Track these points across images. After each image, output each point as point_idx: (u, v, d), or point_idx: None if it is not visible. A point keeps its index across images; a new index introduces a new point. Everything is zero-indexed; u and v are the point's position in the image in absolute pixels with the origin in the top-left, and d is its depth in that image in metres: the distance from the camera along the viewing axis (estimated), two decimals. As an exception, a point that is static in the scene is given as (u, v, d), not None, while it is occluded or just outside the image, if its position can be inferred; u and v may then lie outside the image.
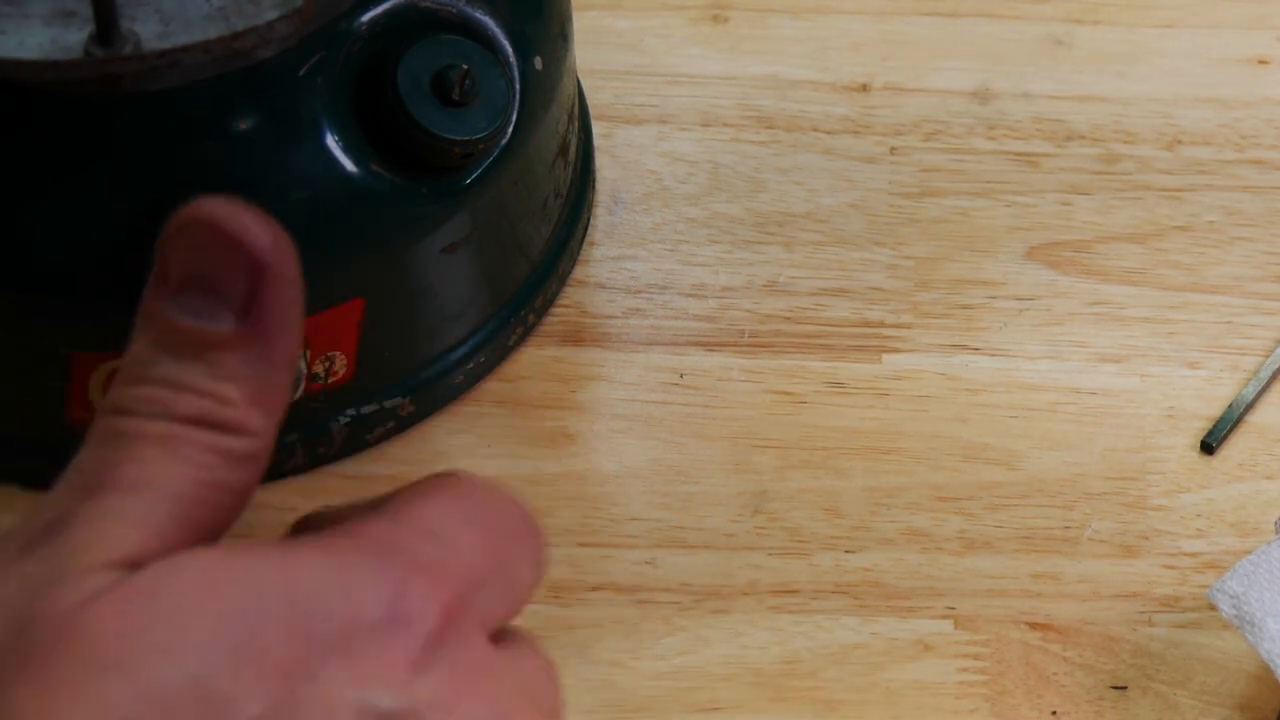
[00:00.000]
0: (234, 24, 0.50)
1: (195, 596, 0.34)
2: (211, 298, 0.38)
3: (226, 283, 0.38)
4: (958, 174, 0.71)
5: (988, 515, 0.63)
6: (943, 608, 0.61)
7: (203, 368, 0.37)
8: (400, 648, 0.35)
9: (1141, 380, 0.66)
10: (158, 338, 0.38)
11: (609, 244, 0.68)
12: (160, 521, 0.36)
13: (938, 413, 0.65)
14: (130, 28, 0.50)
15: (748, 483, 0.63)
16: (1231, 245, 0.69)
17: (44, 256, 0.55)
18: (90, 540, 0.35)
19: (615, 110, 0.72)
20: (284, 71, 0.55)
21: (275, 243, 0.38)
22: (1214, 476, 0.64)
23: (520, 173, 0.61)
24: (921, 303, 0.67)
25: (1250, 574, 0.55)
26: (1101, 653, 0.60)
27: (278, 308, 0.38)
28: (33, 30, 0.50)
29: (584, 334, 0.66)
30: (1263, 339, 0.67)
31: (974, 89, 0.73)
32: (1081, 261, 0.69)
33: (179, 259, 0.38)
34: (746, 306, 0.67)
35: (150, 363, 0.38)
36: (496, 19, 0.59)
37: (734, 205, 0.70)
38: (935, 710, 0.59)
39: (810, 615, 0.60)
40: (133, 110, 0.54)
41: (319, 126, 0.56)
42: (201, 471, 0.37)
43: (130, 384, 0.38)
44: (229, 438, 0.37)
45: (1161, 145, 0.72)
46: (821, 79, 0.73)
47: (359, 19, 0.56)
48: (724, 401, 0.65)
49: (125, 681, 0.33)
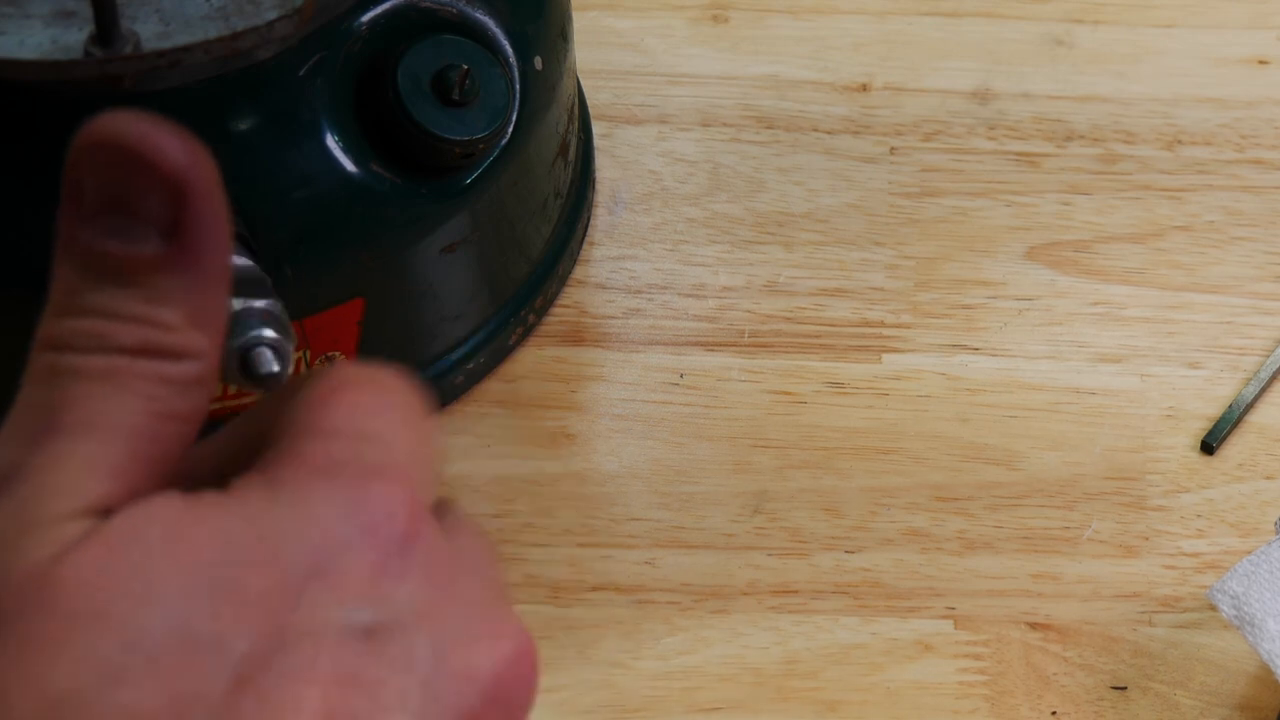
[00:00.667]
0: (234, 24, 0.50)
1: (167, 544, 0.34)
2: (132, 219, 0.36)
3: (146, 204, 0.36)
4: (958, 174, 0.71)
5: (988, 515, 0.63)
6: (943, 608, 0.61)
7: (135, 293, 0.36)
8: (373, 559, 0.35)
9: (1141, 380, 0.66)
10: (83, 263, 0.36)
11: (609, 244, 0.68)
12: (118, 462, 0.35)
13: (938, 413, 0.65)
14: (130, 28, 0.50)
15: (748, 483, 0.63)
16: (1231, 245, 0.69)
17: (44, 256, 0.55)
18: (50, 489, 0.35)
19: (615, 110, 0.72)
20: (284, 71, 0.55)
21: (191, 158, 0.36)
22: (1214, 476, 0.64)
23: (520, 173, 0.61)
24: (921, 303, 0.67)
25: (1250, 574, 0.55)
26: (1101, 653, 0.60)
27: (204, 225, 0.36)
28: (33, 30, 0.50)
29: (584, 334, 0.66)
30: (1263, 339, 0.67)
31: (974, 89, 0.73)
32: (1081, 261, 0.69)
33: (92, 181, 0.36)
34: (746, 306, 0.67)
35: (80, 291, 0.36)
36: (496, 19, 0.59)
37: (734, 205, 0.70)
38: (935, 710, 0.59)
39: (810, 615, 0.60)
40: (133, 110, 0.54)
41: (319, 126, 0.56)
42: (152, 403, 0.36)
43: (62, 315, 0.37)
44: (174, 364, 0.36)
45: (1161, 145, 0.72)
46: (821, 79, 0.73)
47: (359, 19, 0.56)
48: (724, 401, 0.65)
49: (109, 633, 0.33)
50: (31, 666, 0.32)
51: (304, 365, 0.59)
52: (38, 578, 0.33)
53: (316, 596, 0.34)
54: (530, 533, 0.62)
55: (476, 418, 0.64)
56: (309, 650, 0.34)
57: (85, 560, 0.33)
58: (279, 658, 0.33)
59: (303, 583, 0.34)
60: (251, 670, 0.33)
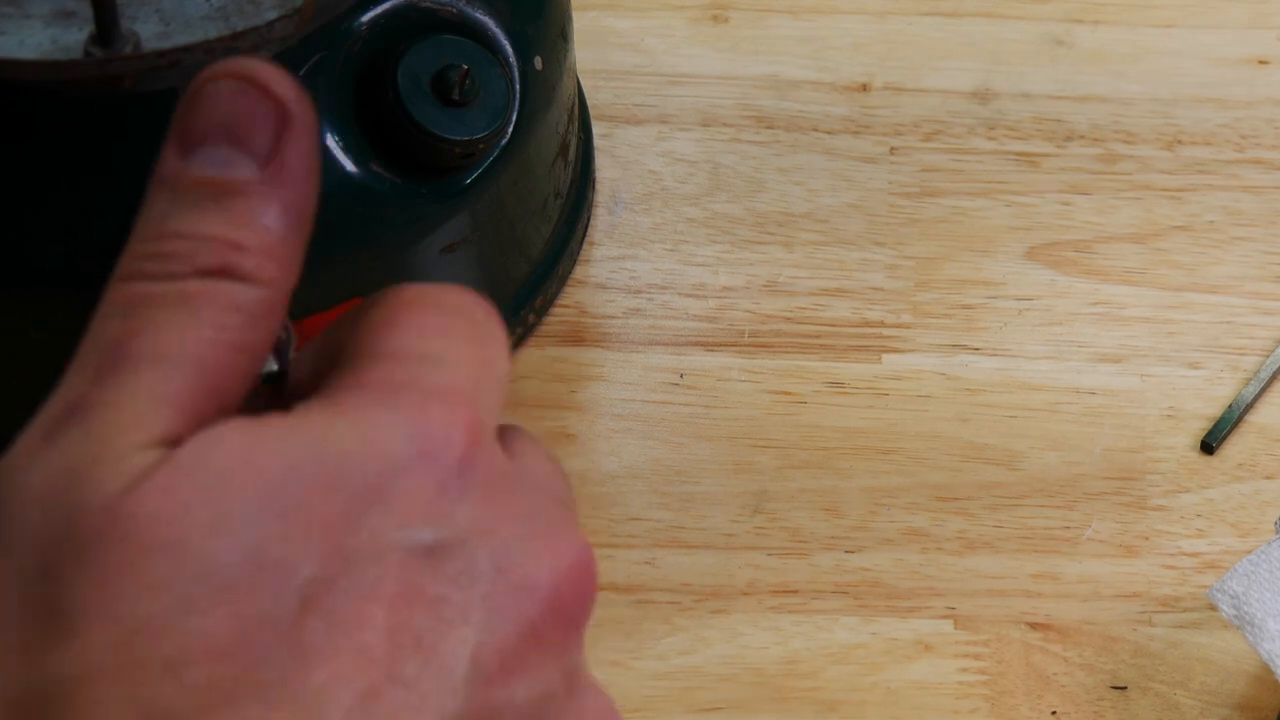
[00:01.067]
0: (234, 24, 0.50)
1: (235, 471, 0.34)
2: (233, 148, 0.37)
3: (250, 131, 0.37)
4: (958, 174, 0.71)
5: (988, 515, 0.63)
6: (943, 608, 0.61)
7: (220, 215, 0.37)
8: (432, 480, 0.35)
9: (1141, 380, 0.66)
10: (176, 193, 0.37)
11: (609, 244, 0.68)
12: (186, 393, 0.36)
13: (938, 413, 0.65)
14: (130, 28, 0.50)
15: (748, 483, 0.63)
16: (1231, 245, 0.69)
17: (44, 256, 0.55)
18: (119, 422, 0.35)
19: (615, 110, 0.72)
20: (284, 71, 0.55)
21: (298, 94, 0.38)
22: (1214, 476, 0.64)
23: (520, 173, 0.61)
24: (921, 303, 0.67)
25: (1250, 574, 0.55)
26: (1101, 653, 0.60)
27: (300, 157, 0.37)
28: (33, 30, 0.50)
29: (584, 334, 0.66)
30: (1263, 339, 0.67)
31: (974, 89, 0.73)
32: (1081, 261, 0.69)
33: (201, 114, 0.37)
34: (746, 306, 0.67)
35: (163, 218, 0.37)
36: (496, 19, 0.59)
37: (734, 205, 0.70)
38: (935, 710, 0.59)
39: (810, 615, 0.60)
40: (133, 110, 0.54)
41: (319, 127, 0.56)
42: (222, 333, 0.36)
43: (142, 242, 0.37)
44: (246, 288, 0.37)
45: (1161, 145, 0.72)
46: (821, 79, 0.73)
47: (359, 19, 0.56)
48: (724, 401, 0.65)
49: (180, 562, 0.33)
50: (108, 597, 0.33)
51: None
52: (110, 510, 0.34)
53: (378, 519, 0.35)
54: (530, 533, 0.62)
55: (476, 418, 0.64)
56: (372, 570, 0.34)
57: (155, 491, 0.34)
58: (343, 579, 0.34)
59: (364, 505, 0.35)
60: (318, 592, 0.34)
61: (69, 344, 0.57)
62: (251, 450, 0.35)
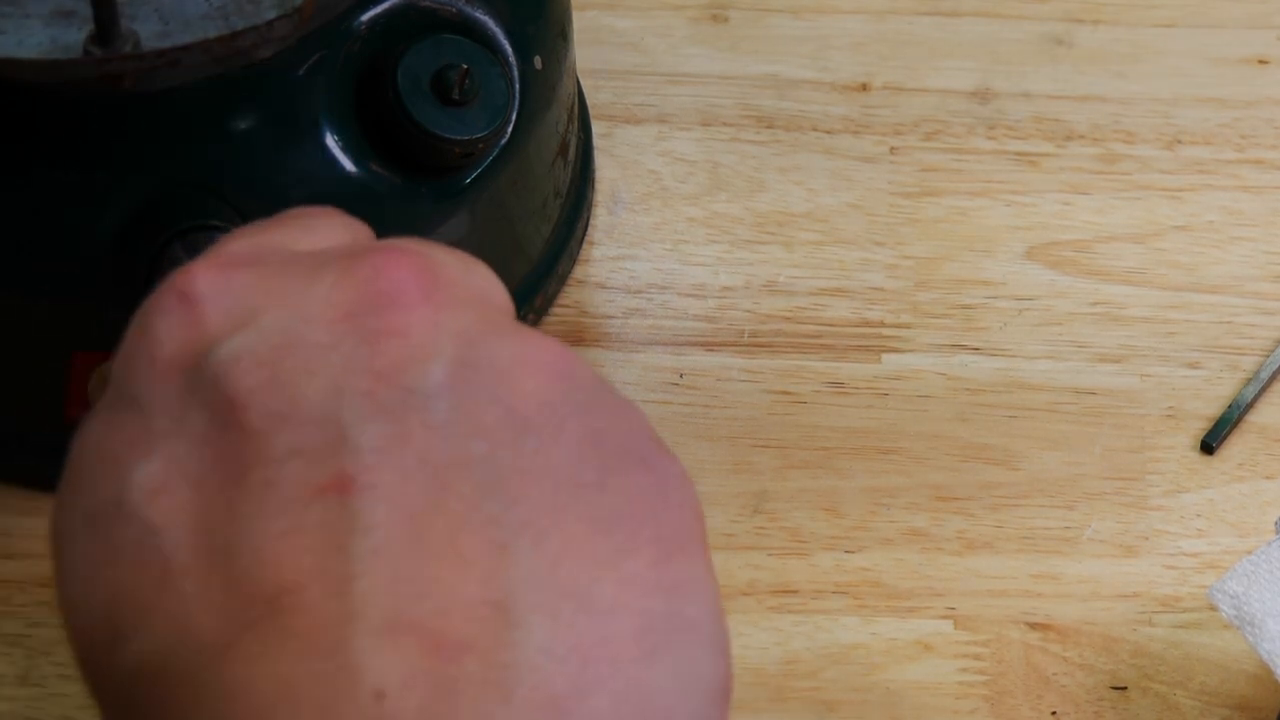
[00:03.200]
0: (234, 23, 0.50)
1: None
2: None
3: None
4: (958, 174, 0.71)
5: (988, 515, 0.63)
6: (943, 608, 0.61)
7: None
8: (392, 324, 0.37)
9: (1141, 380, 0.66)
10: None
11: (609, 244, 0.68)
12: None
13: (938, 413, 0.65)
14: (130, 27, 0.50)
15: (748, 483, 0.63)
16: (1231, 245, 0.69)
17: (44, 256, 0.55)
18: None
19: (615, 110, 0.72)
20: (284, 71, 0.55)
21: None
22: (1214, 476, 0.64)
23: (520, 172, 0.61)
24: (921, 303, 0.67)
25: (1250, 574, 0.55)
26: (1101, 653, 0.60)
27: None
28: (33, 30, 0.50)
29: (584, 334, 0.66)
30: (1262, 339, 0.67)
31: (974, 89, 0.73)
32: (1081, 261, 0.69)
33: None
34: (746, 306, 0.67)
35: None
36: (496, 19, 0.59)
37: (734, 205, 0.70)
38: (935, 710, 0.59)
39: (810, 615, 0.60)
40: (132, 110, 0.54)
41: (319, 126, 0.56)
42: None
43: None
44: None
45: (1161, 145, 0.72)
46: (821, 79, 0.73)
47: (359, 19, 0.56)
48: (724, 401, 0.65)
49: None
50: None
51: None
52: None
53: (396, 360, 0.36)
54: (530, 533, 0.62)
55: (476, 418, 0.64)
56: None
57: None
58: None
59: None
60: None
61: (67, 344, 0.57)
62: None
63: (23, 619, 0.59)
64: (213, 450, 0.35)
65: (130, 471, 0.35)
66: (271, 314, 0.36)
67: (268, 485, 0.34)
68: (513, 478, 0.35)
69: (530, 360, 0.36)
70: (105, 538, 0.35)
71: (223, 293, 0.37)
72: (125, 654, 0.34)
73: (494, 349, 0.36)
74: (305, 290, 0.37)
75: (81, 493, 0.36)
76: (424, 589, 0.33)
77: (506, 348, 0.36)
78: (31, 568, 0.60)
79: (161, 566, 0.34)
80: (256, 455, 0.35)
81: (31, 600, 0.59)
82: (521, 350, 0.36)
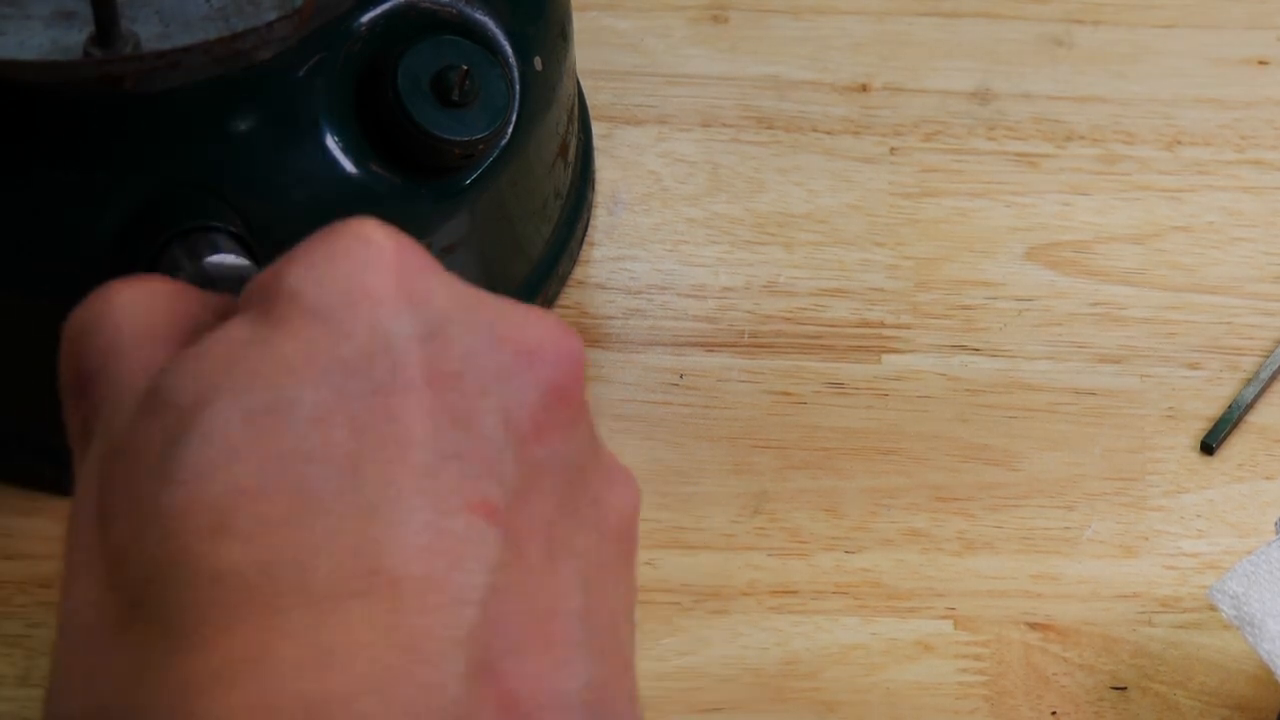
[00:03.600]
0: (234, 24, 0.50)
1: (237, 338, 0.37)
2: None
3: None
4: (958, 174, 0.71)
5: (988, 515, 0.63)
6: (943, 608, 0.61)
7: None
8: (390, 274, 0.37)
9: (1141, 380, 0.66)
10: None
11: (609, 244, 0.68)
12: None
13: (938, 413, 0.65)
14: (130, 28, 0.50)
15: (748, 483, 0.63)
16: (1231, 245, 0.69)
17: (44, 256, 0.55)
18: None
19: (615, 110, 0.72)
20: (284, 72, 0.55)
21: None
22: (1214, 476, 0.64)
23: (520, 173, 0.61)
24: (921, 303, 0.67)
25: (1250, 574, 0.55)
26: (1101, 653, 0.60)
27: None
28: (33, 31, 0.50)
29: (584, 334, 0.66)
30: (1262, 339, 0.67)
31: (974, 89, 0.73)
32: (1081, 261, 0.69)
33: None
34: (746, 307, 0.67)
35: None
36: (496, 19, 0.59)
37: (734, 205, 0.70)
38: (935, 710, 0.59)
39: (810, 615, 0.60)
40: (133, 110, 0.54)
41: (319, 126, 0.56)
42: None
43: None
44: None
45: (1161, 145, 0.72)
46: (821, 79, 0.73)
47: (359, 19, 0.56)
48: (724, 402, 0.65)
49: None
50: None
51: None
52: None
53: (365, 313, 0.37)
54: (530, 533, 0.62)
55: (476, 418, 0.64)
56: (384, 362, 0.36)
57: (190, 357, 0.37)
58: (361, 379, 0.36)
59: (343, 310, 0.36)
60: (345, 400, 0.35)
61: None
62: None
63: (23, 619, 0.59)
64: (382, 403, 0.35)
65: (297, 390, 0.35)
66: (461, 323, 0.37)
67: (426, 473, 0.35)
68: (596, 588, 0.39)
69: (623, 482, 0.41)
70: (262, 432, 0.35)
71: (436, 283, 0.38)
72: (219, 553, 0.34)
73: (605, 457, 0.40)
74: (495, 311, 0.38)
75: (242, 393, 0.36)
76: (519, 647, 0.35)
77: (607, 458, 0.40)
78: (31, 568, 0.60)
79: (306, 494, 0.34)
80: (423, 437, 0.35)
81: (32, 600, 0.59)
82: (614, 466, 0.40)
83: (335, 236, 0.38)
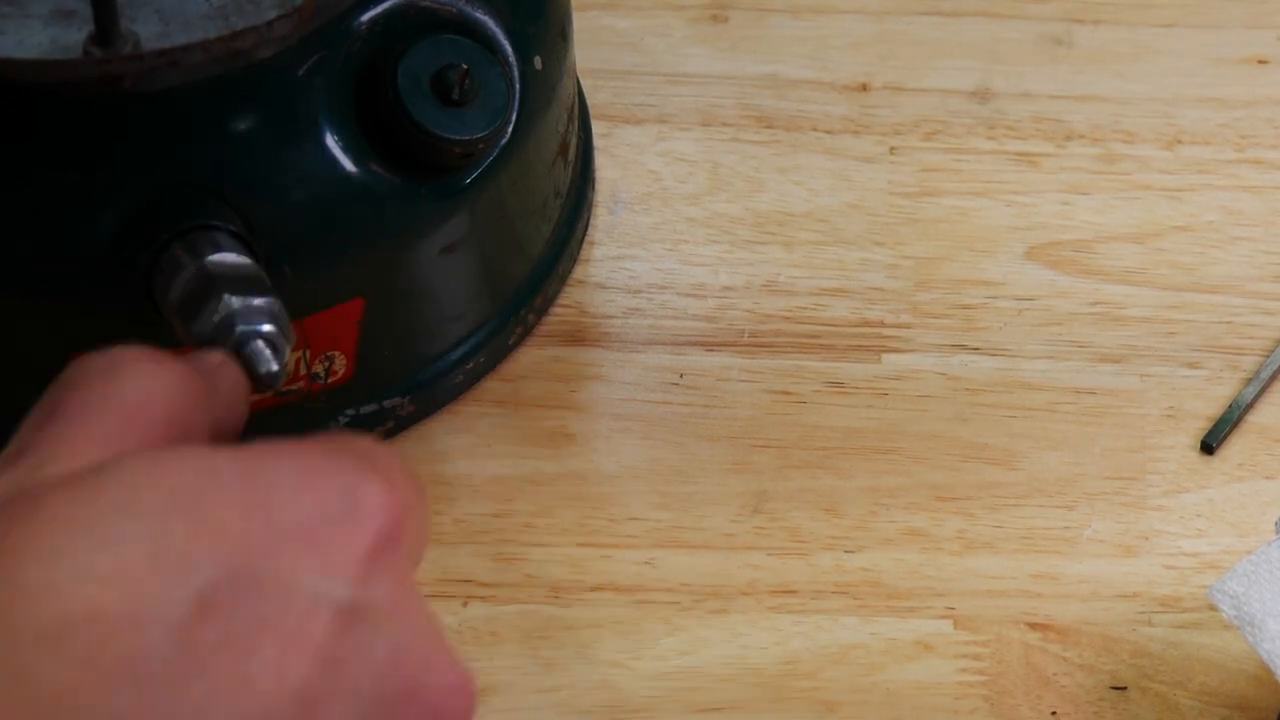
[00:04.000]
0: (233, 23, 0.50)
1: (150, 473, 0.35)
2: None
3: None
4: (958, 174, 0.71)
5: (988, 515, 0.63)
6: (943, 608, 0.61)
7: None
8: (355, 542, 0.36)
9: (1141, 380, 0.66)
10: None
11: (609, 244, 0.68)
12: (115, 435, 0.37)
13: (938, 413, 0.65)
14: (130, 28, 0.50)
15: (748, 483, 0.63)
16: (1231, 245, 0.69)
17: (44, 256, 0.55)
18: (49, 456, 0.37)
19: (615, 110, 0.72)
20: (284, 71, 0.55)
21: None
22: (1214, 476, 0.64)
23: (520, 173, 0.61)
24: (921, 303, 0.67)
25: (1250, 574, 0.55)
26: (1101, 653, 0.60)
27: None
28: (33, 30, 0.50)
29: (584, 334, 0.66)
30: (1262, 339, 0.67)
31: (974, 89, 0.73)
32: (1081, 261, 0.69)
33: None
34: (746, 306, 0.67)
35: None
36: (496, 19, 0.59)
37: (734, 205, 0.70)
38: (935, 710, 0.59)
39: (810, 615, 0.60)
40: (132, 110, 0.54)
41: (319, 126, 0.56)
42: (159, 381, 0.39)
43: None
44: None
45: (1161, 145, 0.72)
46: (821, 79, 0.73)
47: (359, 19, 0.56)
48: (724, 401, 0.65)
49: (81, 536, 0.34)
50: (5, 565, 0.34)
51: (304, 365, 0.59)
52: (25, 498, 0.35)
53: (295, 557, 0.35)
54: (530, 533, 0.62)
55: (476, 417, 0.64)
56: (278, 602, 0.34)
57: (72, 482, 0.35)
58: (249, 599, 0.34)
59: (283, 537, 0.35)
60: (219, 599, 0.34)
61: (66, 344, 0.57)
62: (168, 461, 0.35)
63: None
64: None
65: (88, 557, 0.35)
66: (384, 636, 0.36)
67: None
68: None
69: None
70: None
71: (381, 571, 0.37)
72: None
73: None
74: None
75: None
76: None
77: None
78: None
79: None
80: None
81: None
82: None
83: (353, 455, 0.37)
